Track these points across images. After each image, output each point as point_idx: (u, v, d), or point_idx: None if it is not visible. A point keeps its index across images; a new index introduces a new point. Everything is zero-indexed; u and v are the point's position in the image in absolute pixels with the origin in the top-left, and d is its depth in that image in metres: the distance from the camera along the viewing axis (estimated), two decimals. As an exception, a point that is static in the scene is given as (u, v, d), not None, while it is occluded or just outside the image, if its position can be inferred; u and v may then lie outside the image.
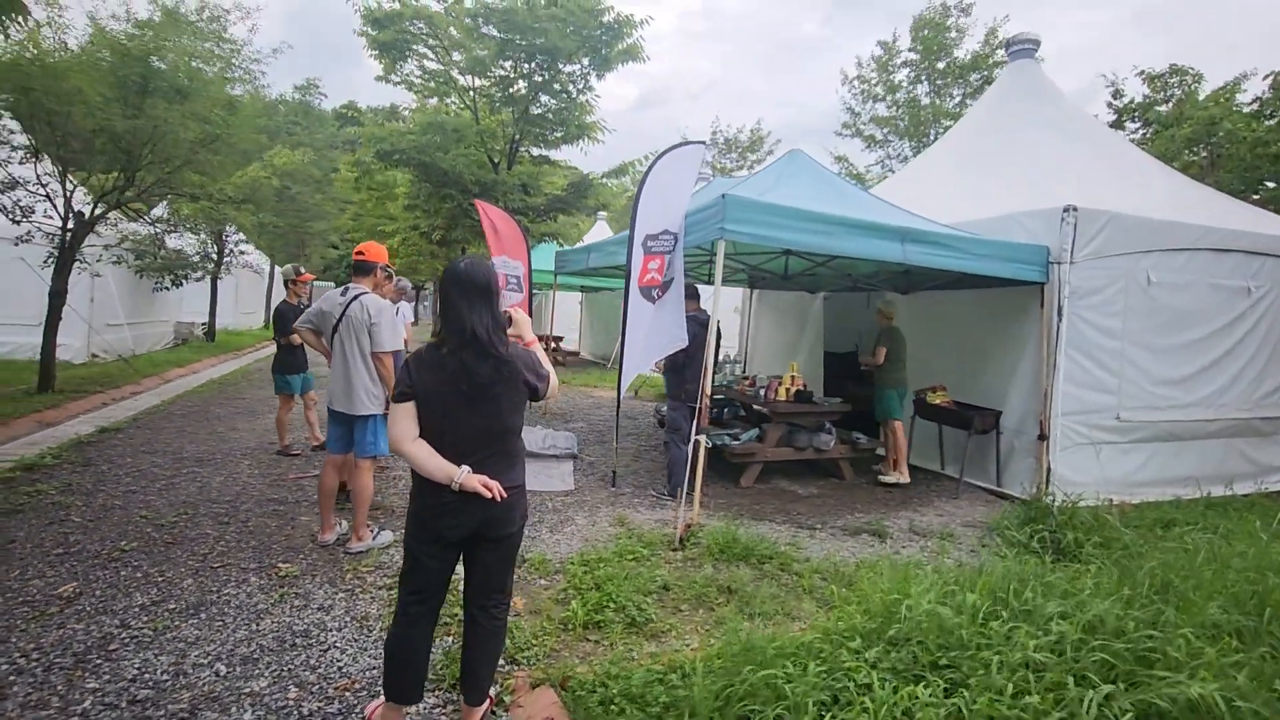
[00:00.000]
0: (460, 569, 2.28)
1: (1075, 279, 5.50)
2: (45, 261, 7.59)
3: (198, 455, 5.89)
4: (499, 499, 2.04)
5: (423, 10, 8.12)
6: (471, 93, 8.79)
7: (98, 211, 7.66)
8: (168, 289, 10.24)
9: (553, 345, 15.95)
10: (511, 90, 8.44)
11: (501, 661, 2.77)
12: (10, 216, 7.14)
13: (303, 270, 6.37)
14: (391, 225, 10.45)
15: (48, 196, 7.36)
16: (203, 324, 14.96)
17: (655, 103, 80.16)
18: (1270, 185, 10.54)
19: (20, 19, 4.61)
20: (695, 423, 4.38)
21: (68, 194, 7.47)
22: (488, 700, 2.39)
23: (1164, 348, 5.94)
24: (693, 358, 4.79)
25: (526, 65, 8.09)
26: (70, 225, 7.48)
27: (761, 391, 6.23)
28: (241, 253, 13.96)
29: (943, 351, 6.70)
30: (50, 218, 7.49)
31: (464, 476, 2.03)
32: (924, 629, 2.38)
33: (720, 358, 7.94)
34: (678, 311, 4.94)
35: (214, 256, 12.58)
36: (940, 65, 18.48)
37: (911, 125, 19.08)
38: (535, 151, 9.43)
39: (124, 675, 2.57)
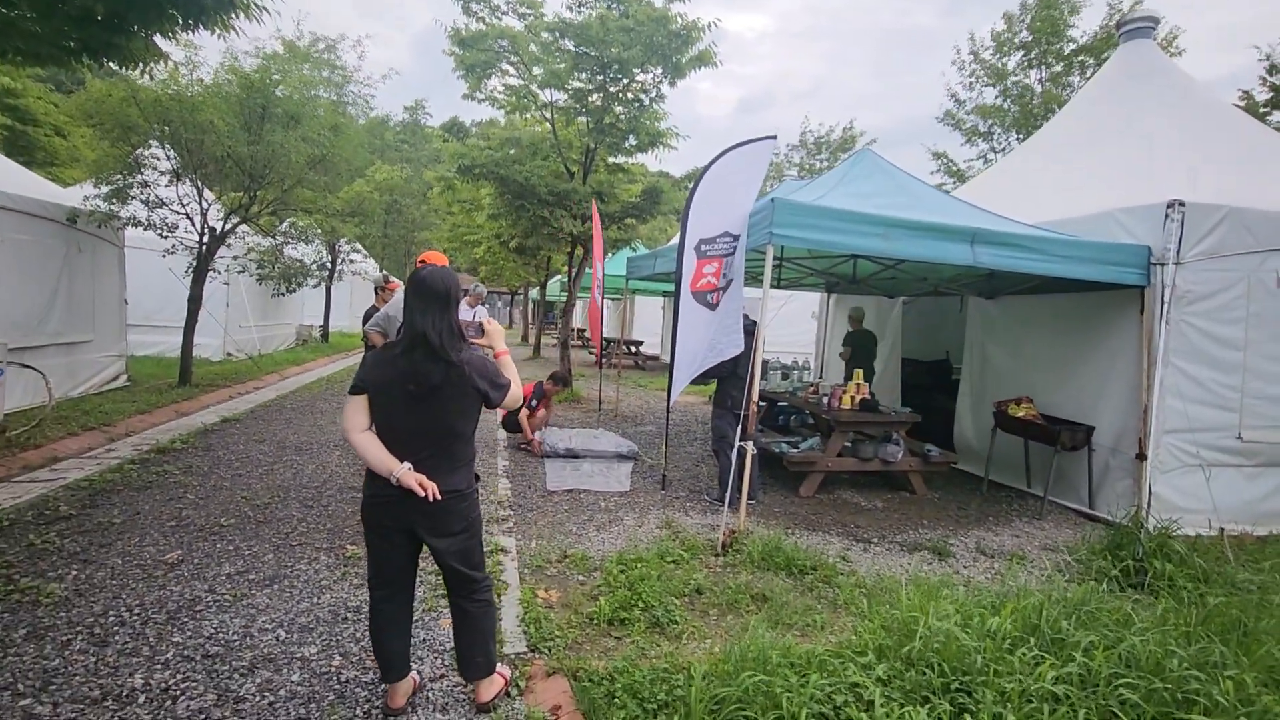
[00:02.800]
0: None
1: (1183, 282, 4.94)
2: (186, 271, 8.71)
3: (297, 444, 6.53)
4: (433, 499, 2.12)
5: (506, 30, 8.58)
6: (549, 107, 9.16)
7: (227, 226, 8.69)
8: (283, 294, 11.42)
9: (632, 350, 16.25)
10: (587, 102, 8.71)
11: (524, 649, 2.91)
12: (159, 232, 8.26)
13: (391, 278, 6.90)
14: (477, 235, 11.12)
15: (187, 215, 8.45)
16: (319, 326, 16.50)
17: (757, 107, 79.18)
18: None
19: (162, 62, 5.33)
20: (740, 429, 4.34)
21: (203, 211, 8.53)
22: (499, 679, 2.52)
23: (1302, 359, 5.20)
24: (737, 364, 4.74)
25: (599, 77, 8.32)
26: (205, 239, 8.54)
27: (825, 399, 6.05)
28: (352, 261, 15.32)
29: (1030, 360, 6.22)
30: (190, 233, 8.58)
31: (401, 472, 2.12)
32: (940, 650, 2.26)
33: (790, 363, 7.78)
34: (736, 318, 4.85)
35: (328, 265, 13.88)
36: (1056, 49, 17.00)
37: (1022, 116, 17.70)
38: (611, 160, 9.67)
39: (203, 633, 2.93)
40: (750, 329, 4.76)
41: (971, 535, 4.85)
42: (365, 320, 6.51)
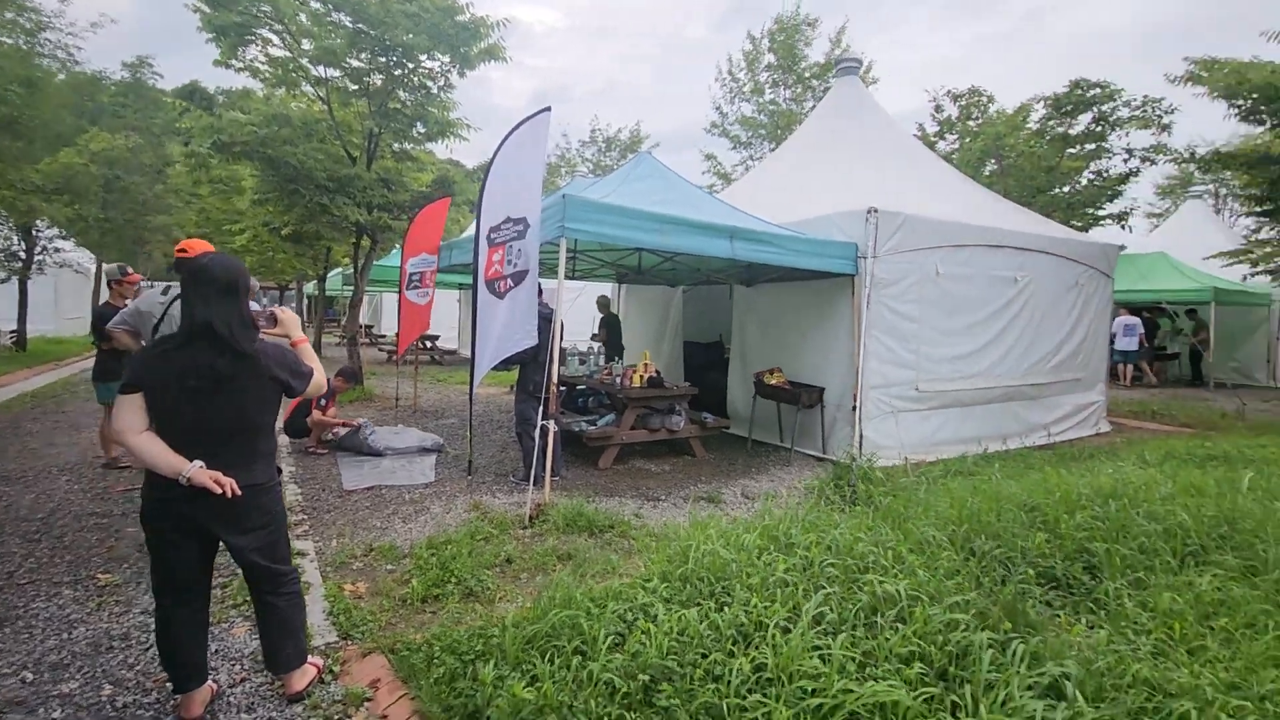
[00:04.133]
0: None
1: (879, 271, 6.35)
2: None
3: (3, 474, 5.37)
4: (231, 495, 2.06)
5: (268, -8, 7.72)
6: (324, 84, 8.46)
7: None
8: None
9: (428, 345, 15.64)
10: (366, 82, 8.22)
11: (335, 639, 2.91)
12: None
13: (130, 270, 5.95)
14: (239, 223, 9.77)
15: None
16: (12, 331, 13.17)
17: (551, 100, 79.18)
18: (1047, 194, 12.56)
19: None
20: (542, 410, 4.65)
21: None
22: (312, 668, 2.53)
23: (951, 328, 6.98)
24: (538, 351, 5.02)
25: (382, 59, 7.93)
26: None
27: (618, 380, 6.63)
28: (57, 250, 12.44)
29: (779, 337, 7.46)
30: None
31: (193, 471, 2.03)
32: (707, 565, 2.82)
33: (587, 349, 8.29)
34: (531, 308, 5.05)
35: (21, 255, 11.14)
36: (796, 71, 19.98)
37: (772, 128, 20.47)
38: (398, 146, 9.23)
39: (-91, 694, 2.45)
40: (548, 316, 5.06)
41: (739, 484, 5.77)
42: (99, 318, 5.56)
